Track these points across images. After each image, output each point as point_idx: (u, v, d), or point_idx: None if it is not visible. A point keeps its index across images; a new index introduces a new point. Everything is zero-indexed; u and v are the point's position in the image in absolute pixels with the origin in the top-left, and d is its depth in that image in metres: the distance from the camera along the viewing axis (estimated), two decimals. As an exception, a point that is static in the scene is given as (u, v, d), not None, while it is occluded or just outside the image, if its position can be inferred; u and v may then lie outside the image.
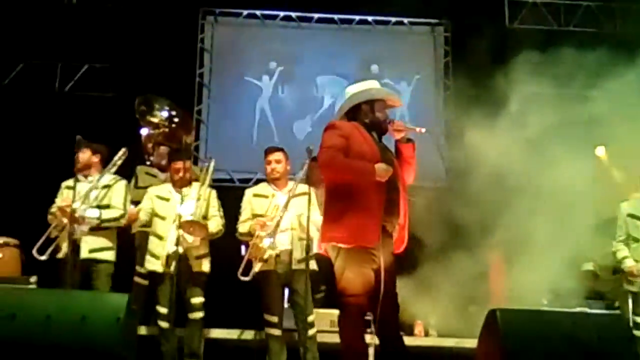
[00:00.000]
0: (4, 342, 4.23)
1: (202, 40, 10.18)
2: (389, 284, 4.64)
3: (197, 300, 6.15)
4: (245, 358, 6.85)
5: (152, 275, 6.30)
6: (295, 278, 6.05)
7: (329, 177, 4.80)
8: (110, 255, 6.26)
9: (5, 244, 7.24)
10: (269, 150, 6.38)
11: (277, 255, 6.07)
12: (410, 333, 7.33)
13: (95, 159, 6.44)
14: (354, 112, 4.87)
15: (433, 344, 7.16)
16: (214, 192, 6.51)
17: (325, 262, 5.62)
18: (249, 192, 6.41)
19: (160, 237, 6.19)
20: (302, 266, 5.97)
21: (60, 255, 6.09)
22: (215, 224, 6.31)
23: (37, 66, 9.86)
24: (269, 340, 6.15)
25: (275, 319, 6.09)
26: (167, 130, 7.50)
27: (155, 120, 7.46)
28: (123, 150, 6.46)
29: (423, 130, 4.82)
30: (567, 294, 7.13)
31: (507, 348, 4.33)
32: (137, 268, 7.25)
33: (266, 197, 6.26)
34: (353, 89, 4.93)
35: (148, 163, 7.47)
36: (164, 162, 7.33)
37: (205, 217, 6.28)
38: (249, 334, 6.95)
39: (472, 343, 5.77)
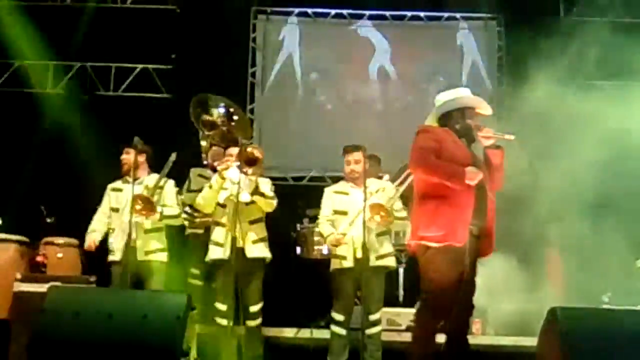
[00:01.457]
0: (69, 339, 4.33)
1: (254, 40, 10.22)
2: (469, 284, 4.89)
3: (256, 307, 6.10)
4: (302, 357, 6.85)
5: (213, 264, 6.25)
6: (368, 275, 5.96)
7: (419, 177, 5.03)
8: (163, 257, 6.34)
9: (66, 244, 7.39)
10: (348, 150, 6.34)
11: (355, 253, 6.05)
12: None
13: (141, 159, 6.51)
14: (445, 119, 5.09)
15: (491, 343, 7.08)
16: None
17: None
18: (328, 190, 6.44)
19: (223, 225, 6.17)
20: (379, 263, 6.07)
21: (114, 257, 6.17)
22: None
23: (91, 68, 10.04)
24: (332, 339, 6.14)
25: (342, 318, 6.10)
26: (225, 128, 7.49)
27: (211, 118, 7.46)
28: (173, 155, 6.51)
29: (512, 137, 4.98)
30: (629, 292, 7.00)
31: (568, 347, 4.27)
32: (191, 270, 7.33)
33: (346, 194, 6.29)
34: (445, 96, 5.12)
35: (205, 163, 7.47)
36: (216, 163, 7.35)
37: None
38: (305, 333, 6.96)
39: (530, 342, 5.72)
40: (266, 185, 6.22)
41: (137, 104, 9.70)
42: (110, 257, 6.29)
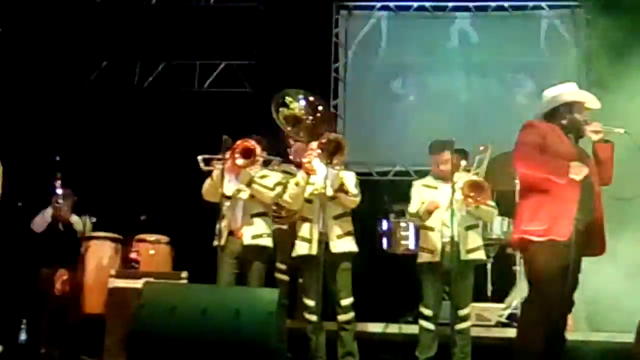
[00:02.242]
0: (164, 334, 4.42)
1: (336, 35, 10.23)
2: (572, 281, 4.84)
3: (346, 302, 6.03)
4: (390, 352, 6.82)
5: (300, 260, 6.24)
6: (458, 269, 5.86)
7: (524, 172, 5.07)
8: (269, 242, 6.28)
9: (157, 241, 7.55)
10: (435, 150, 6.30)
11: (444, 248, 5.99)
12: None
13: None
14: (552, 114, 5.08)
15: (584, 339, 6.91)
16: None
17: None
18: (417, 183, 6.38)
19: (309, 220, 6.16)
20: (470, 257, 6.01)
21: (220, 242, 6.19)
22: None
23: (176, 66, 10.23)
24: (421, 333, 6.08)
25: (430, 312, 6.05)
26: (310, 121, 7.48)
27: (294, 113, 7.47)
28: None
29: (621, 130, 4.94)
30: None
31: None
32: (278, 265, 7.37)
33: (435, 188, 6.22)
34: (552, 92, 5.13)
35: (291, 158, 7.49)
36: (300, 159, 7.35)
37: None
38: (393, 327, 6.93)
39: (626, 338, 5.56)
40: (351, 181, 6.20)
41: (221, 100, 9.82)
42: (215, 242, 6.18)
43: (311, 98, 7.31)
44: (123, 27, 10.01)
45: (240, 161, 6.07)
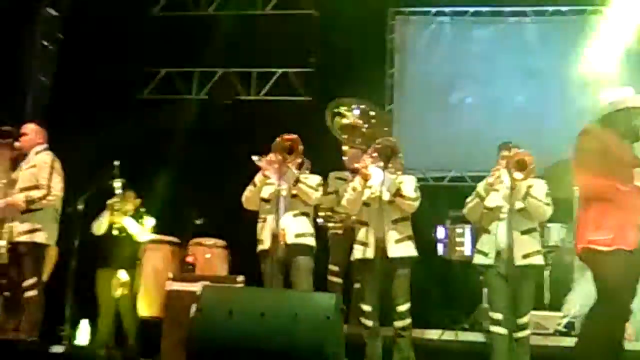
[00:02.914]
0: (223, 337, 4.46)
1: (391, 41, 10.22)
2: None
3: (403, 307, 5.95)
4: (447, 359, 6.77)
5: (357, 264, 6.20)
6: (514, 274, 5.75)
7: (585, 180, 4.95)
8: (312, 241, 6.27)
9: (214, 245, 7.62)
10: (504, 147, 6.20)
11: (498, 252, 5.88)
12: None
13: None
14: (609, 119, 4.99)
15: None
16: None
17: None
18: (483, 182, 6.15)
19: (367, 224, 6.09)
20: (526, 262, 5.82)
21: (262, 246, 6.21)
22: None
23: (233, 74, 10.33)
24: (494, 340, 5.90)
25: (499, 316, 5.87)
26: (365, 128, 7.51)
27: (349, 122, 7.49)
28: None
29: None
30: None
31: None
32: (330, 267, 7.37)
33: (496, 190, 6.04)
34: (610, 96, 5.08)
35: (346, 164, 7.49)
36: (355, 165, 7.34)
37: None
38: (449, 335, 6.88)
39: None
40: (409, 185, 6.16)
41: (277, 108, 9.88)
42: (260, 247, 6.25)
43: (364, 106, 7.34)
44: (181, 36, 10.15)
45: (288, 159, 6.06)
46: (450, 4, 10.18)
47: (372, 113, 7.49)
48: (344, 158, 7.39)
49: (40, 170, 6.44)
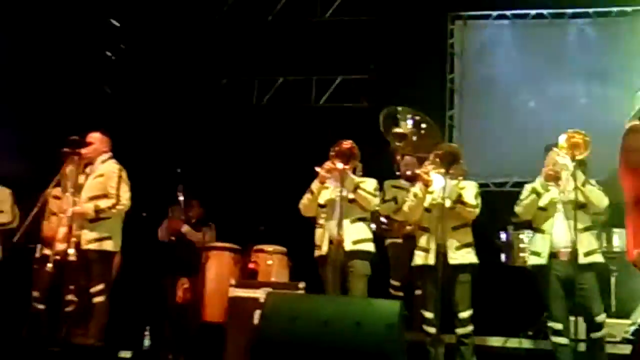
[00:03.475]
0: (286, 344, 4.49)
1: (451, 46, 10.15)
2: None
3: (465, 314, 5.95)
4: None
5: (419, 270, 6.20)
6: (579, 274, 5.63)
7: (634, 181, 4.74)
8: (371, 247, 6.28)
9: (275, 252, 7.67)
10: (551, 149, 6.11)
11: (553, 254, 5.82)
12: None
13: None
14: None
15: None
16: None
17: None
18: (528, 186, 6.17)
19: (428, 230, 6.09)
20: (588, 260, 5.72)
21: (319, 252, 6.26)
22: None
23: (293, 82, 10.39)
24: (556, 350, 5.83)
25: (559, 326, 5.80)
26: (415, 138, 7.51)
27: (401, 130, 7.49)
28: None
29: None
30: None
31: None
32: (392, 282, 7.35)
33: (547, 190, 6.02)
34: None
35: (398, 173, 7.50)
36: (409, 173, 7.35)
37: None
38: (513, 342, 6.79)
39: None
40: (470, 192, 6.13)
41: (337, 115, 9.89)
42: (317, 253, 6.30)
43: (418, 117, 7.35)
44: (241, 44, 10.26)
45: (340, 165, 6.09)
46: (511, 7, 10.05)
47: (424, 125, 7.48)
48: (395, 165, 7.41)
49: (108, 179, 6.56)
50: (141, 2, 10.25)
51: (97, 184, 6.57)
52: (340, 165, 6.08)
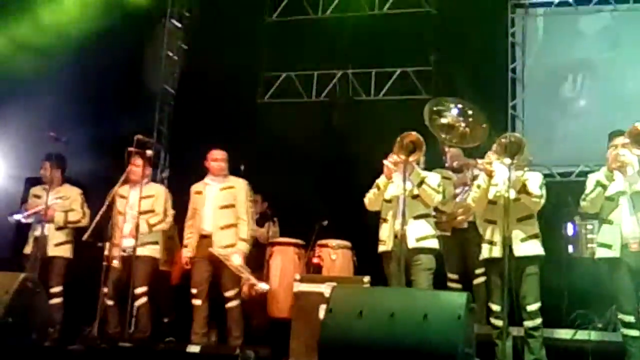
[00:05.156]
0: (353, 337, 4.50)
1: (512, 35, 10.00)
2: None
3: (533, 307, 5.87)
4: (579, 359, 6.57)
5: (485, 263, 6.16)
6: None
7: None
8: (435, 243, 6.26)
9: (339, 247, 7.69)
10: (614, 135, 6.04)
11: (625, 244, 5.70)
12: None
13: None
14: None
15: None
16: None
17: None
18: (593, 176, 6.06)
19: (494, 222, 6.02)
20: None
21: (384, 247, 6.25)
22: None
23: (352, 75, 10.37)
24: (627, 342, 5.74)
25: (631, 319, 5.69)
26: (462, 128, 7.41)
27: (447, 121, 7.42)
28: None
29: None
30: None
31: None
32: (449, 275, 7.28)
33: (613, 181, 5.90)
34: None
35: (446, 165, 7.40)
36: (455, 164, 7.27)
37: None
38: (582, 334, 6.68)
39: None
40: (535, 182, 6.03)
41: (397, 107, 9.83)
42: (381, 248, 6.32)
43: (462, 105, 7.26)
44: (299, 40, 10.29)
45: (410, 157, 6.03)
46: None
47: (470, 112, 7.37)
48: (444, 157, 7.33)
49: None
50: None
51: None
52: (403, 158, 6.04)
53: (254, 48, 10.29)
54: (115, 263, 6.83)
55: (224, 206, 7.09)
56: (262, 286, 7.18)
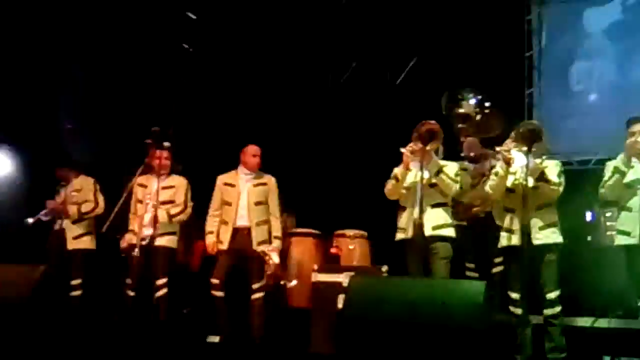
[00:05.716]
0: (372, 326, 4.52)
1: (528, 22, 9.93)
2: None
3: (552, 295, 5.83)
4: (600, 347, 6.54)
5: (505, 252, 6.14)
6: None
7: None
8: (452, 232, 6.23)
9: (357, 236, 7.70)
10: (632, 122, 6.01)
11: None
12: None
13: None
14: None
15: None
16: None
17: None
18: (610, 163, 6.07)
19: (512, 211, 5.99)
20: None
21: (403, 235, 6.23)
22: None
23: (367, 64, 10.33)
24: None
25: None
26: (479, 118, 7.40)
27: (464, 111, 7.39)
28: None
29: None
30: None
31: None
32: (467, 264, 7.27)
33: (631, 167, 5.89)
34: None
35: (463, 154, 7.39)
36: (472, 154, 7.24)
37: None
38: (602, 322, 6.67)
39: None
40: (553, 170, 6.01)
41: (413, 96, 9.80)
42: (399, 236, 6.30)
43: (480, 96, 7.23)
44: (317, 27, 10.23)
45: (427, 146, 6.03)
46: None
47: (488, 104, 7.35)
48: (460, 147, 7.32)
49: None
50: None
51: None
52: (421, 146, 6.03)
53: (265, 40, 10.26)
54: (136, 252, 6.88)
55: (258, 202, 7.12)
56: (292, 283, 7.24)
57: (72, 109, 8.67)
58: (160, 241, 7.09)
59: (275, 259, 6.97)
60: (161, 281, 7.09)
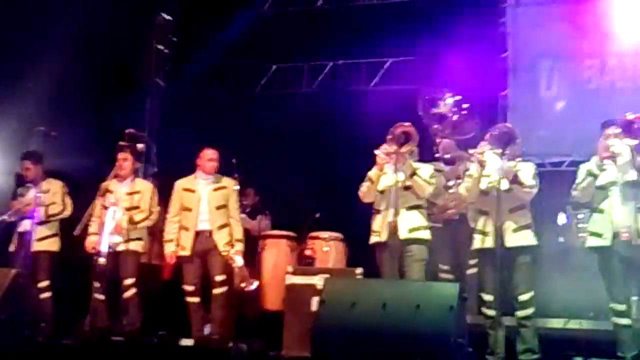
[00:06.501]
0: (346, 328, 4.51)
1: (503, 24, 9.96)
2: None
3: (525, 297, 5.85)
4: (572, 348, 6.57)
5: (479, 252, 6.10)
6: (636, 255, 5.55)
7: None
8: (426, 234, 6.23)
9: (331, 238, 7.68)
10: (607, 124, 6.00)
11: (615, 233, 5.70)
12: None
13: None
14: None
15: None
16: None
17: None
18: (584, 166, 6.07)
19: (486, 213, 5.98)
20: None
21: (378, 238, 6.19)
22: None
23: (343, 66, 10.35)
24: (618, 331, 5.76)
25: (622, 307, 5.72)
26: (455, 118, 7.41)
27: (440, 111, 7.40)
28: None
29: None
30: None
31: None
32: (440, 266, 7.27)
33: (604, 171, 5.90)
34: None
35: (438, 155, 7.39)
36: (448, 156, 7.25)
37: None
38: (574, 324, 6.71)
39: None
40: (527, 172, 6.04)
41: (388, 98, 9.80)
42: (373, 239, 6.27)
43: (458, 97, 7.25)
44: (288, 31, 10.25)
45: (402, 148, 6.03)
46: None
47: (465, 105, 7.38)
48: (435, 148, 7.33)
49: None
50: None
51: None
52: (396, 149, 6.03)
53: (244, 39, 10.25)
54: (102, 261, 6.83)
55: (219, 206, 7.09)
56: (252, 286, 7.16)
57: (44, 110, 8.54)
58: (126, 246, 7.09)
59: (239, 261, 6.94)
60: (129, 281, 7.07)
